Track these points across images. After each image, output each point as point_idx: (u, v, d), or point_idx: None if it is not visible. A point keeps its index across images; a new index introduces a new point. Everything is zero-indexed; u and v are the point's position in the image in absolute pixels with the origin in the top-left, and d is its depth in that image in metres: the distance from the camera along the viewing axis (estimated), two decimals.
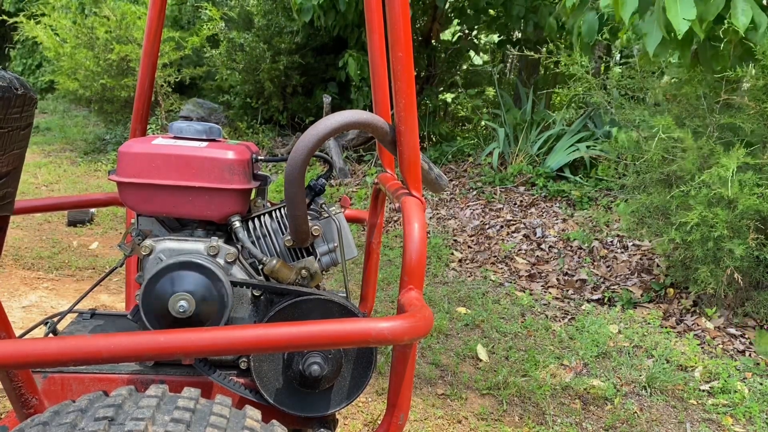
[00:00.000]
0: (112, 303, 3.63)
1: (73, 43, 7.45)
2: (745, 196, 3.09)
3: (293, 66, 7.33)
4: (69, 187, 6.35)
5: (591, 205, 5.36)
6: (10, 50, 12.43)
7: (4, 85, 1.09)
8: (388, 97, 1.73)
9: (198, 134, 1.53)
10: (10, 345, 0.92)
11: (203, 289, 1.36)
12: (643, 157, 3.71)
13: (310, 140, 1.33)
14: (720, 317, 3.60)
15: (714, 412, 2.79)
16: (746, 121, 3.31)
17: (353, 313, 1.44)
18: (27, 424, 0.95)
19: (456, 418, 2.67)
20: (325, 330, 1.01)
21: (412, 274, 1.24)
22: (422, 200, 1.35)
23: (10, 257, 4.24)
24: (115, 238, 4.88)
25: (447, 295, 3.92)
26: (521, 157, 6.13)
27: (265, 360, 1.43)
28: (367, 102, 7.06)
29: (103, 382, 1.46)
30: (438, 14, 7.14)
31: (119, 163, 1.44)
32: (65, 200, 2.22)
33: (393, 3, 1.30)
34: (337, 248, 1.57)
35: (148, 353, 0.96)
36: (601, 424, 2.70)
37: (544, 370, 3.07)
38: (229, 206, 1.46)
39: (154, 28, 1.93)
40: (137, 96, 2.00)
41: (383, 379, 2.91)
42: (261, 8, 7.08)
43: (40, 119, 10.50)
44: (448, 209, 5.58)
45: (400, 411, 1.29)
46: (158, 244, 1.43)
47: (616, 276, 4.27)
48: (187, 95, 8.95)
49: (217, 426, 0.93)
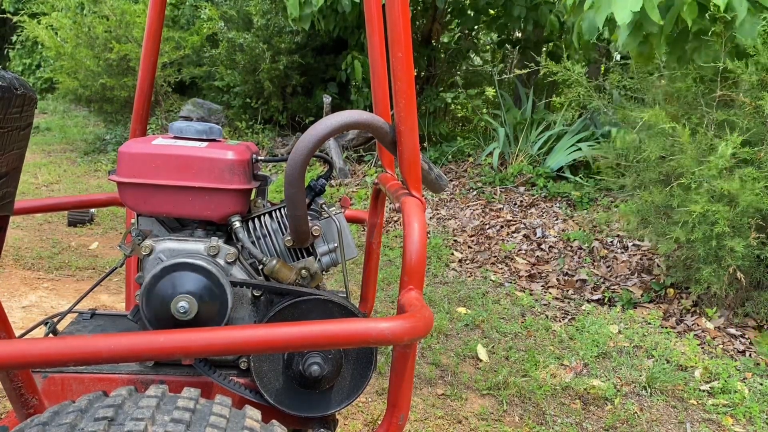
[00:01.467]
0: (112, 303, 3.63)
1: (74, 43, 7.45)
2: (746, 192, 3.09)
3: (293, 66, 7.33)
4: (69, 187, 6.35)
5: (591, 205, 5.36)
6: (10, 50, 12.42)
7: (3, 85, 1.09)
8: (388, 98, 1.73)
9: (198, 134, 1.53)
10: (10, 345, 0.92)
11: (203, 289, 1.36)
12: (641, 156, 3.72)
13: (310, 140, 1.32)
14: (720, 317, 3.60)
15: (714, 412, 2.79)
16: (742, 118, 3.31)
17: (353, 313, 1.44)
18: (27, 425, 0.94)
19: (456, 418, 2.67)
20: (325, 330, 1.01)
21: (412, 275, 1.24)
22: (422, 200, 1.35)
23: (10, 257, 4.24)
24: (115, 238, 4.88)
25: (447, 295, 3.92)
26: (521, 157, 6.13)
27: (265, 360, 1.43)
28: (367, 103, 7.05)
29: (103, 382, 1.46)
30: (438, 14, 7.13)
31: (119, 163, 1.44)
32: (65, 200, 2.22)
33: (393, 3, 1.30)
34: (337, 248, 1.57)
35: (148, 353, 0.96)
36: (601, 424, 2.70)
37: (544, 370, 3.07)
38: (229, 206, 1.46)
39: (154, 28, 1.93)
40: (137, 96, 2.00)
41: (383, 379, 2.91)
42: (259, 8, 7.08)
43: (40, 119, 10.50)
44: (448, 209, 5.58)
45: (400, 411, 1.29)
46: (158, 244, 1.43)
47: (616, 276, 4.27)
48: (187, 95, 8.94)
49: (217, 426, 0.93)
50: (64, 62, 7.65)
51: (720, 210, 3.15)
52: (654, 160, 3.66)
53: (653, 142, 3.61)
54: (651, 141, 3.64)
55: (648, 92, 4.10)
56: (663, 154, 3.60)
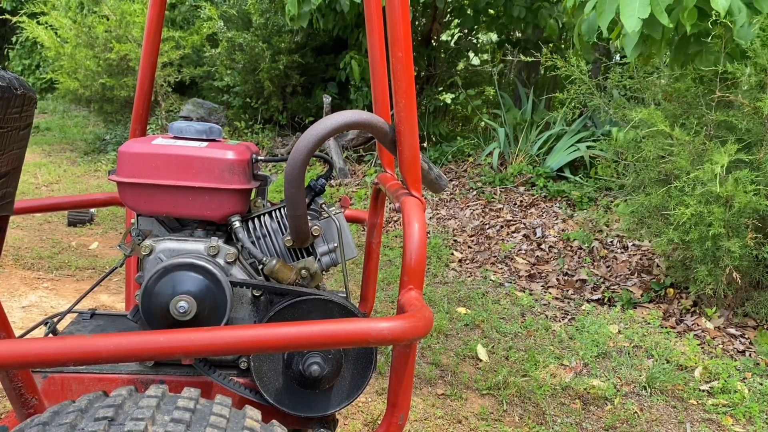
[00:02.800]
0: (112, 303, 3.63)
1: (74, 43, 7.45)
2: (740, 193, 3.09)
3: (293, 65, 7.32)
4: (69, 187, 6.35)
5: (591, 205, 5.36)
6: (9, 50, 12.42)
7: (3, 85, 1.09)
8: (388, 97, 1.73)
9: (198, 134, 1.53)
10: (10, 345, 0.92)
11: (203, 289, 1.36)
12: (640, 156, 3.72)
13: (310, 140, 1.33)
14: (720, 317, 3.60)
15: (714, 412, 2.79)
16: (741, 119, 3.31)
17: (353, 313, 1.44)
18: (27, 424, 0.95)
19: (456, 418, 2.67)
20: (325, 330, 1.01)
21: (412, 275, 1.24)
22: (422, 200, 1.35)
23: (10, 257, 4.24)
24: (115, 238, 4.88)
25: (447, 295, 3.92)
26: (521, 157, 6.13)
27: (265, 360, 1.43)
28: (366, 102, 7.05)
29: (103, 382, 1.46)
30: (438, 14, 7.13)
31: (119, 163, 1.44)
32: (65, 200, 2.22)
33: (393, 3, 1.30)
34: (337, 248, 1.57)
35: (148, 353, 0.96)
36: (601, 424, 2.70)
37: (544, 370, 3.07)
38: (229, 206, 1.46)
39: (154, 28, 1.93)
40: (137, 96, 2.00)
41: (383, 379, 2.91)
42: (258, 7, 7.08)
43: (40, 119, 10.50)
44: (448, 209, 5.58)
45: (400, 411, 1.29)
46: (158, 244, 1.43)
47: (616, 276, 4.27)
48: (187, 95, 8.94)
49: (217, 426, 0.93)
50: (64, 62, 7.65)
51: (715, 211, 3.16)
52: (653, 160, 3.66)
53: (651, 142, 3.62)
54: (649, 141, 3.64)
55: (648, 92, 4.10)
56: (662, 154, 3.60)
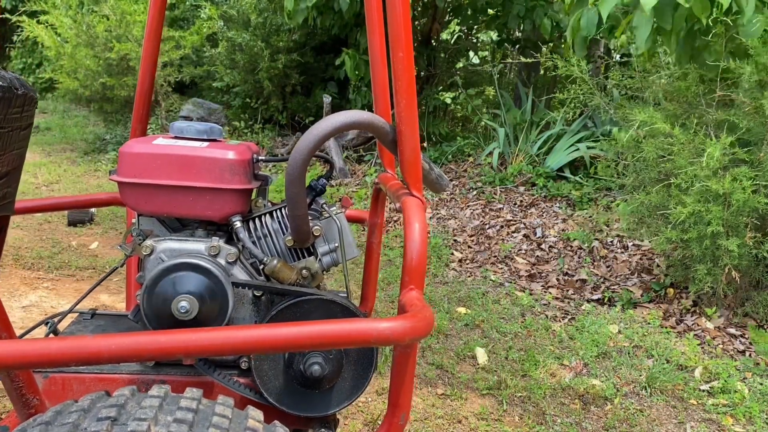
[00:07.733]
0: (112, 303, 3.63)
1: (74, 42, 7.45)
2: (738, 191, 3.08)
3: (292, 65, 7.32)
4: (69, 187, 6.34)
5: (591, 205, 5.36)
6: (11, 50, 12.41)
7: (4, 85, 1.09)
8: (388, 97, 1.73)
9: (199, 134, 1.53)
10: (10, 345, 0.92)
11: (204, 289, 1.36)
12: (640, 155, 3.72)
13: (311, 140, 1.33)
14: (720, 317, 3.60)
15: (714, 412, 2.80)
16: (742, 118, 3.31)
17: (354, 313, 1.44)
18: (29, 424, 0.95)
19: (456, 418, 2.67)
20: (326, 330, 1.01)
21: (413, 275, 1.24)
22: (423, 200, 1.35)
23: (10, 257, 4.24)
24: (115, 238, 4.88)
25: (447, 295, 3.92)
26: (521, 157, 6.13)
27: (265, 360, 1.43)
28: (365, 102, 7.05)
29: (104, 382, 1.46)
30: (438, 14, 7.13)
31: (120, 163, 1.44)
32: (65, 200, 2.22)
33: (393, 3, 1.30)
34: (338, 248, 1.57)
35: (149, 353, 0.96)
36: (601, 424, 2.70)
37: (544, 370, 3.07)
38: (230, 206, 1.46)
39: (154, 28, 1.93)
40: (137, 96, 2.00)
41: (384, 379, 2.91)
42: (256, 6, 7.08)
43: (40, 119, 10.49)
44: (448, 209, 5.58)
45: (401, 411, 1.29)
46: (159, 244, 1.43)
47: (616, 276, 4.27)
48: (187, 95, 8.94)
49: (220, 426, 0.93)
50: (64, 62, 7.64)
51: (713, 210, 3.16)
52: (653, 160, 3.66)
53: (651, 142, 3.62)
54: (649, 141, 3.64)
55: (648, 91, 4.10)
56: (662, 154, 3.60)
